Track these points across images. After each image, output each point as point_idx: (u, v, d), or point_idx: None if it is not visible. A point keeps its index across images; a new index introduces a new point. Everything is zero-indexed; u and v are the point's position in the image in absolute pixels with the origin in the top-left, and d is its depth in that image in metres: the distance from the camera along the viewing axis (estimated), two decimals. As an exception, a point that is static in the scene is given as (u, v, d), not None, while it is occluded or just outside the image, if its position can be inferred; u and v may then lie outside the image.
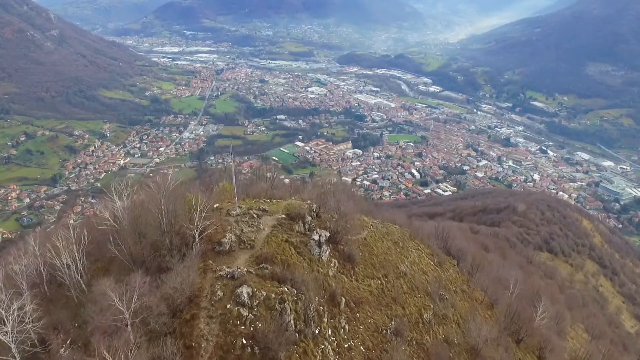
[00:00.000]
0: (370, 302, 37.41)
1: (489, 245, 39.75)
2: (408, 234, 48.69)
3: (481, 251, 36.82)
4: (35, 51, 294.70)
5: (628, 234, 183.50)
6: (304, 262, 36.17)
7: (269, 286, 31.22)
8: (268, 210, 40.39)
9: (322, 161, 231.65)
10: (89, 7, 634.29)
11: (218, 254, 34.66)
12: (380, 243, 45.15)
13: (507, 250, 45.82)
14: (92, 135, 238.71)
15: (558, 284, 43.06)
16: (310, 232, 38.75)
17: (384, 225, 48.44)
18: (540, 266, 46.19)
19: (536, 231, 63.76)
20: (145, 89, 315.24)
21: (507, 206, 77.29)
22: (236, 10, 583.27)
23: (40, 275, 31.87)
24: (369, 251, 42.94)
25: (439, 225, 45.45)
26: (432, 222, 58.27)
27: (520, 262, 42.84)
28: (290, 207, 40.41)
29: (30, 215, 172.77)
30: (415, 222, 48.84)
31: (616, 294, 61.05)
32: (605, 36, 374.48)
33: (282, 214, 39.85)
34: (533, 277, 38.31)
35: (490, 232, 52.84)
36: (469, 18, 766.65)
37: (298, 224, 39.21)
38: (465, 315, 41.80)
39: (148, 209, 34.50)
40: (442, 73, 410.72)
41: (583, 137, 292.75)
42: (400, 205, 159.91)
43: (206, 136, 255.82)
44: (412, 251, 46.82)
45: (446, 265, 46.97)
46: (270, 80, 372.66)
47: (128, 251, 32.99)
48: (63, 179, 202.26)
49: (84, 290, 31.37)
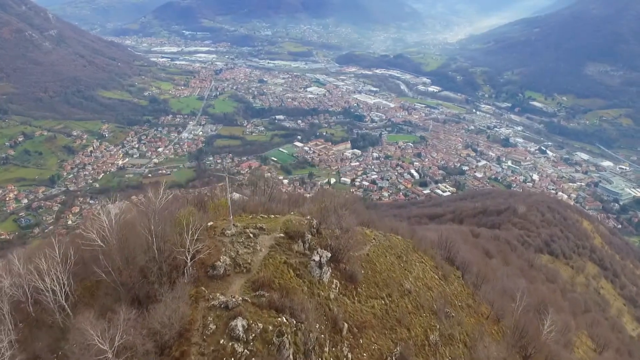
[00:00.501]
0: (374, 325, 35.65)
1: (490, 250, 39.22)
2: (411, 245, 47.23)
3: (484, 258, 36.07)
4: (34, 51, 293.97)
5: (627, 234, 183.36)
6: (304, 286, 34.27)
7: (266, 317, 29.05)
8: (265, 229, 38.05)
9: (321, 161, 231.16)
10: (87, 7, 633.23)
11: (212, 278, 32.40)
12: (384, 258, 43.62)
13: (509, 254, 45.34)
14: (90, 135, 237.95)
15: (560, 287, 42.65)
16: (310, 252, 36.81)
17: (386, 237, 46.78)
18: (541, 269, 45.79)
19: (537, 233, 63.37)
20: (144, 89, 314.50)
21: (507, 208, 76.85)
22: (235, 10, 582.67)
23: (26, 294, 29.84)
24: (371, 268, 41.29)
25: (442, 235, 44.44)
26: (434, 226, 57.57)
27: (521, 266, 42.36)
28: (289, 224, 38.53)
29: (29, 216, 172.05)
30: (418, 230, 47.46)
31: (617, 296, 60.66)
32: (604, 36, 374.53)
33: (281, 232, 37.70)
34: (537, 283, 37.70)
35: (491, 235, 52.41)
36: (468, 18, 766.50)
37: (297, 243, 37.21)
38: (472, 333, 40.48)
39: (137, 230, 32.20)
40: (441, 73, 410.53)
41: (582, 137, 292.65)
42: (399, 206, 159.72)
43: (205, 136, 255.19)
44: (416, 264, 45.45)
45: (451, 278, 45.56)
46: (269, 80, 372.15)
47: (117, 273, 30.76)
48: (61, 179, 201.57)
49: (69, 314, 29.36)
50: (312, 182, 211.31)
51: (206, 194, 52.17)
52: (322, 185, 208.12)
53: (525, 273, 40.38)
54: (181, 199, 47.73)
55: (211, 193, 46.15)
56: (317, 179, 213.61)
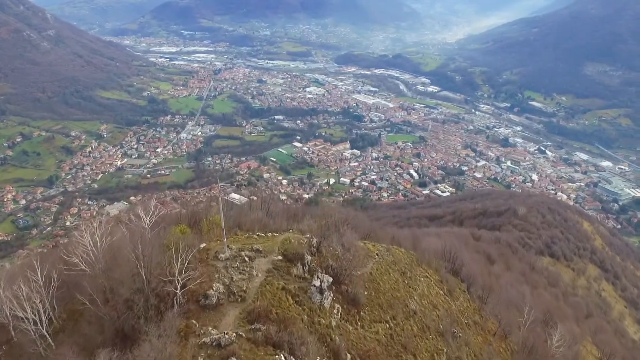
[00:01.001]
0: (378, 354, 33.27)
1: (492, 254, 38.69)
2: (415, 258, 45.74)
3: (487, 265, 35.34)
4: (32, 51, 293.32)
5: (627, 234, 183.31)
6: (304, 314, 31.88)
7: (262, 354, 26.52)
8: (262, 251, 35.37)
9: (320, 162, 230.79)
10: (86, 7, 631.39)
11: (204, 308, 29.77)
12: (387, 276, 41.71)
13: (510, 257, 44.87)
14: (89, 136, 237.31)
15: (562, 291, 42.31)
16: (310, 276, 34.37)
17: (389, 252, 44.95)
18: (543, 273, 45.44)
19: (537, 235, 62.98)
20: (143, 89, 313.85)
21: (508, 209, 76.45)
22: (234, 10, 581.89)
23: (7, 318, 27.58)
24: (375, 288, 39.10)
25: (445, 245, 43.67)
26: (434, 229, 56.94)
27: (523, 270, 41.92)
28: (288, 245, 36.08)
29: (27, 217, 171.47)
30: (420, 236, 46.12)
31: (618, 298, 60.31)
32: (603, 36, 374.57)
33: (278, 254, 35.13)
34: (539, 289, 37.18)
35: (492, 237, 52.00)
36: (467, 18, 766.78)
37: (296, 267, 34.60)
38: (480, 354, 38.94)
39: (123, 254, 29.63)
40: (440, 73, 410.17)
41: (581, 137, 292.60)
42: (398, 207, 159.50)
43: (204, 137, 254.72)
44: (421, 280, 43.75)
45: (456, 292, 43.96)
46: (268, 80, 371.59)
47: (102, 301, 28.55)
48: (59, 180, 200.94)
49: (51, 345, 27.25)
50: (311, 182, 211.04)
51: (201, 206, 49.54)
52: (321, 185, 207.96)
53: (528, 277, 39.90)
54: (174, 214, 45.38)
55: (205, 207, 42.65)
56: (316, 180, 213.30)
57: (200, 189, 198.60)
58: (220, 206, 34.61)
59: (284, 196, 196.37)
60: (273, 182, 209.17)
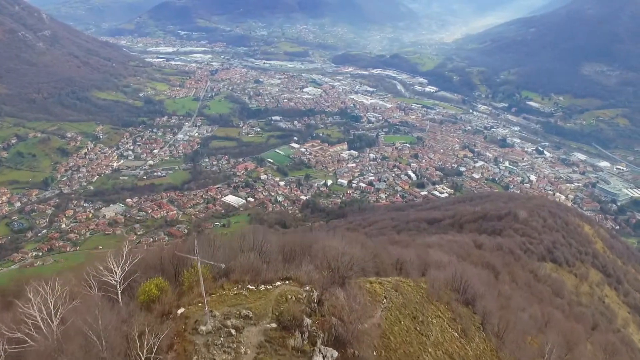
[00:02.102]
0: None
1: (496, 265, 37.44)
2: (425, 294, 41.56)
3: (494, 282, 33.60)
4: (27, 52, 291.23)
5: (625, 235, 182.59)
6: None
7: None
8: (252, 316, 28.56)
9: (317, 163, 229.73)
10: (82, 7, 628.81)
11: None
12: (398, 325, 37.25)
13: (514, 266, 43.81)
14: (84, 137, 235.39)
15: (567, 301, 41.35)
16: (311, 346, 28.31)
17: (398, 290, 40.47)
18: (547, 281, 44.45)
19: (539, 240, 61.98)
20: (139, 89, 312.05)
21: (508, 213, 75.44)
22: (231, 10, 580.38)
23: None
24: (385, 345, 33.61)
25: (456, 272, 41.40)
26: (436, 238, 55.65)
27: (528, 280, 40.79)
28: (283, 305, 29.72)
29: (21, 220, 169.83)
30: (428, 260, 42.42)
31: (621, 304, 59.38)
32: (600, 36, 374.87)
33: (272, 319, 28.63)
34: (548, 306, 36.01)
35: (494, 244, 50.97)
36: (464, 18, 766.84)
37: (294, 336, 28.07)
38: None
39: (80, 330, 22.88)
40: (438, 73, 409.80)
41: (579, 137, 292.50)
42: (397, 209, 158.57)
43: (200, 138, 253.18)
44: (433, 322, 39.79)
45: (471, 332, 39.45)
46: (265, 80, 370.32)
47: None
48: (55, 182, 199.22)
49: None
50: (308, 183, 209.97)
51: (187, 244, 38.57)
52: (318, 186, 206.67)
53: (533, 289, 38.76)
54: (154, 255, 37.27)
55: (190, 244, 30.45)
56: (313, 181, 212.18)
57: (197, 191, 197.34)
58: (199, 270, 27.26)
59: (281, 198, 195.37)
60: (270, 183, 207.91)
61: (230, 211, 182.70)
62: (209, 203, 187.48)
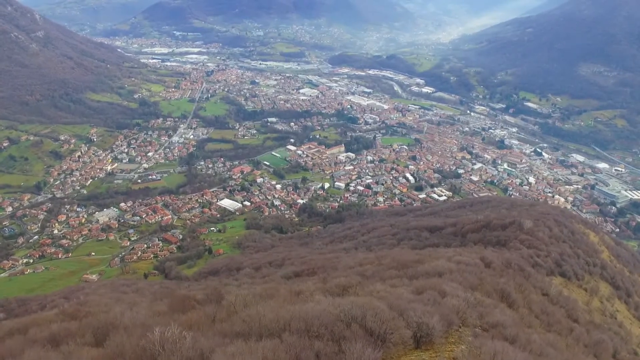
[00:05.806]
0: None
1: (510, 292, 34.64)
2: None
3: (513, 315, 30.16)
4: (20, 53, 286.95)
5: (626, 238, 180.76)
6: None
7: None
8: None
9: (314, 165, 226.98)
10: (76, 8, 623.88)
11: None
12: None
13: (526, 286, 41.24)
14: (78, 140, 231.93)
15: (584, 327, 38.95)
16: None
17: None
18: (559, 302, 42.09)
19: (547, 252, 59.46)
20: (134, 91, 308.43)
21: (513, 222, 73.01)
22: (226, 10, 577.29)
23: None
24: None
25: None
26: (442, 253, 52.90)
27: (542, 305, 38.21)
28: None
29: (12, 225, 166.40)
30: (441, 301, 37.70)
31: (633, 319, 57.19)
32: (596, 37, 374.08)
33: None
34: (566, 337, 33.03)
35: (502, 260, 48.62)
36: (460, 18, 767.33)
37: None
38: None
39: None
40: (435, 74, 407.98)
41: (577, 138, 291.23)
42: (395, 213, 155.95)
43: (196, 140, 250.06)
44: None
45: None
46: (261, 81, 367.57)
47: None
48: (48, 186, 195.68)
49: None
50: (305, 187, 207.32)
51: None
52: (315, 190, 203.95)
53: (550, 316, 36.21)
54: None
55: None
56: (310, 184, 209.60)
57: (192, 195, 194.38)
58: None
59: (277, 201, 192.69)
60: (267, 186, 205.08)
61: (226, 215, 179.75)
62: (205, 207, 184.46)
